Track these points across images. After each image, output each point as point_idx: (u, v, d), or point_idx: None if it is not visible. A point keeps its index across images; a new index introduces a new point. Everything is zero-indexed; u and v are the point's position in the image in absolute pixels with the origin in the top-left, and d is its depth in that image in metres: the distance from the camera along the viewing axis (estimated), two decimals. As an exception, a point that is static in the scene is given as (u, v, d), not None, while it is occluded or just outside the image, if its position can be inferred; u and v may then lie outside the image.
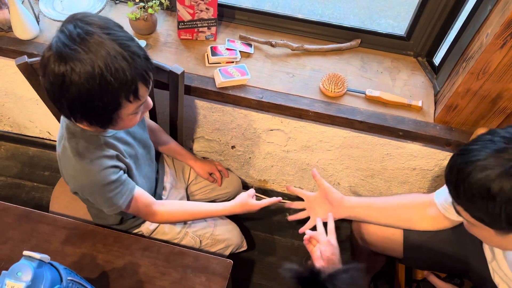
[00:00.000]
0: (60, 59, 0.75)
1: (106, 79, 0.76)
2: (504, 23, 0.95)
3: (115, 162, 0.96)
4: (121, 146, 1.00)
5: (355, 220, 1.23)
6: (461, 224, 1.10)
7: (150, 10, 1.31)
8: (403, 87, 1.32)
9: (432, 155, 1.40)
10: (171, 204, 1.15)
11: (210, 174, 1.41)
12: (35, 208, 1.11)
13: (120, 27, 0.82)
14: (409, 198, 1.16)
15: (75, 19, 0.78)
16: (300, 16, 1.42)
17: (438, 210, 1.08)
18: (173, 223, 1.23)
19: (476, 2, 1.13)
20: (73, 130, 0.92)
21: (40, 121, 1.81)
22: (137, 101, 0.84)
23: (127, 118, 0.87)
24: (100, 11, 1.31)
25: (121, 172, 0.98)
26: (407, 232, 1.15)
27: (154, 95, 1.28)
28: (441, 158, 1.40)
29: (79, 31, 0.76)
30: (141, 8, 1.32)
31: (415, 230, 1.13)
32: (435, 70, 1.35)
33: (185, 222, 1.26)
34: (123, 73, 0.77)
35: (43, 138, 1.94)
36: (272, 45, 1.35)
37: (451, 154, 1.37)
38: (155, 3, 1.32)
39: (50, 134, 1.90)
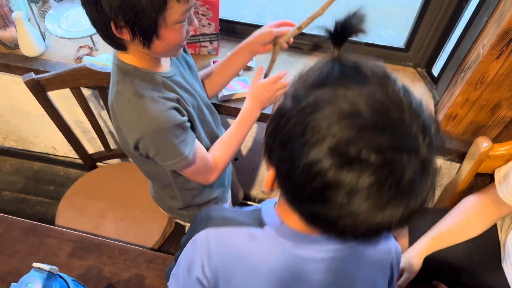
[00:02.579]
0: None
1: None
2: (500, 34, 0.97)
3: (177, 105, 0.87)
4: (180, 91, 0.91)
5: None
6: (481, 237, 1.13)
7: (153, 26, 1.34)
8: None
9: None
10: (215, 149, 1.03)
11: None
12: (39, 222, 1.12)
13: None
14: (470, 211, 1.14)
15: None
16: (300, 29, 1.45)
17: (504, 203, 1.08)
18: (226, 166, 1.06)
19: (473, 13, 1.15)
20: (125, 69, 0.84)
21: (45, 136, 1.83)
22: (184, 2, 0.75)
23: (173, 27, 0.78)
24: (104, 27, 1.34)
25: (185, 117, 0.89)
26: None
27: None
28: (442, 167, 1.41)
29: None
30: (144, 24, 1.35)
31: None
32: (434, 81, 1.37)
33: None
34: None
35: (47, 154, 1.96)
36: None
37: (452, 163, 1.38)
38: (158, 19, 1.35)
39: (55, 149, 1.92)
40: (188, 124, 0.90)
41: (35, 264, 0.73)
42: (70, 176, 1.96)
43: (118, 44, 0.81)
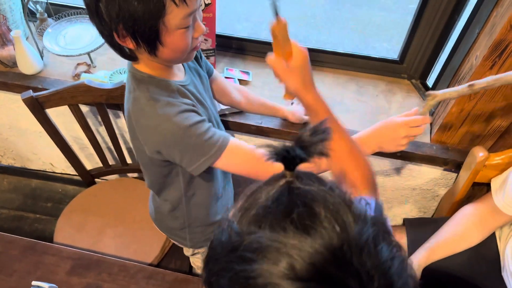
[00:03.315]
0: None
1: None
2: (492, 45, 0.98)
3: (194, 108, 0.85)
4: (195, 100, 0.89)
5: None
6: (480, 247, 1.14)
7: (150, 43, 1.36)
8: (399, 109, 1.36)
9: (430, 175, 1.42)
10: None
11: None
12: (37, 240, 1.12)
13: None
14: (468, 221, 1.15)
15: None
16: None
17: (501, 212, 1.09)
18: None
19: (465, 25, 1.17)
20: (139, 77, 0.85)
21: (43, 153, 1.83)
22: (184, 6, 0.73)
23: (176, 32, 0.76)
24: (102, 45, 1.35)
25: (205, 117, 0.86)
26: None
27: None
28: (440, 177, 1.42)
29: None
30: (141, 41, 1.36)
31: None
32: (429, 92, 1.39)
33: None
34: None
35: (45, 171, 1.96)
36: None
37: (449, 173, 1.39)
38: (155, 35, 1.36)
39: (52, 165, 1.92)
40: (210, 124, 0.86)
41: (34, 283, 0.73)
42: (68, 193, 1.95)
43: (128, 55, 0.82)
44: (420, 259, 1.15)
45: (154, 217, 1.22)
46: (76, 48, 1.36)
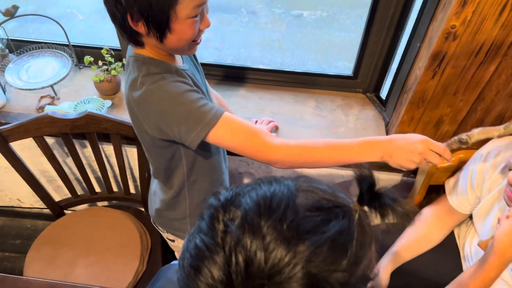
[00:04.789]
0: None
1: None
2: (431, 56, 1.07)
3: (188, 82, 0.88)
4: (193, 84, 0.91)
5: None
6: (441, 247, 1.20)
7: (113, 72, 1.39)
8: (356, 121, 1.43)
9: (390, 182, 1.48)
10: (292, 140, 0.90)
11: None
12: (8, 275, 1.10)
13: None
14: (427, 222, 1.21)
15: None
16: (261, 66, 1.53)
17: (456, 211, 1.16)
18: (297, 166, 0.98)
19: (408, 40, 1.26)
20: (141, 59, 0.88)
21: (10, 188, 1.81)
22: None
23: (185, 22, 0.80)
24: (65, 77, 1.38)
25: (199, 90, 0.88)
26: None
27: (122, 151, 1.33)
28: (400, 184, 1.48)
29: None
30: (104, 71, 1.40)
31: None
32: (383, 103, 1.47)
33: None
34: None
35: (13, 207, 1.92)
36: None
37: (407, 179, 1.46)
38: (117, 65, 1.40)
39: (20, 201, 1.89)
40: (203, 96, 0.87)
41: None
42: (38, 228, 1.92)
43: (136, 40, 0.86)
44: (387, 264, 1.19)
45: (153, 214, 1.20)
46: (39, 81, 1.38)
